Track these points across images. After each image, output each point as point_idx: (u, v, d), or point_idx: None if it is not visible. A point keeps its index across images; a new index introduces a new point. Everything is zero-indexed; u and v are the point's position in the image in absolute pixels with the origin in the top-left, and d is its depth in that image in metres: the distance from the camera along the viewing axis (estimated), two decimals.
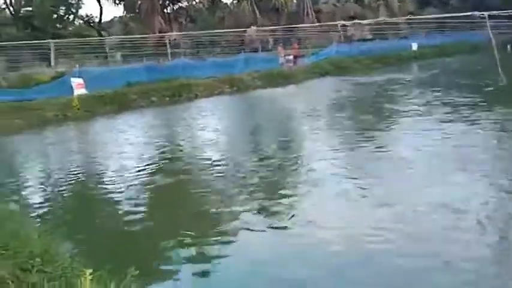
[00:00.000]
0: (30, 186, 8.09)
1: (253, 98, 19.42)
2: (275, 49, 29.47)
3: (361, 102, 15.72)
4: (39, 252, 3.23)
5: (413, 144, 8.55)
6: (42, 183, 8.16)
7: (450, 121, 10.52)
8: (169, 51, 24.83)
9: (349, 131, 10.70)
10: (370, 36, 40.99)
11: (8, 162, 10.33)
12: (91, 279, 2.66)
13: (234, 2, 40.48)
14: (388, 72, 24.20)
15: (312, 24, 34.09)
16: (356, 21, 30.94)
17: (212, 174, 7.81)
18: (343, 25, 31.71)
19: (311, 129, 11.40)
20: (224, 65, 23.57)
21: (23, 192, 7.63)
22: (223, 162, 8.63)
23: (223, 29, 28.81)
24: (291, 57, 26.77)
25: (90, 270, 2.73)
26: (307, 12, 40.24)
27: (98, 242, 5.35)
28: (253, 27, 31.65)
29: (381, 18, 35.41)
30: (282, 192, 6.48)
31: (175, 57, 24.75)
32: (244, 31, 29.36)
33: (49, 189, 7.72)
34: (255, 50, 31.51)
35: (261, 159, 8.43)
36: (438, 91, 15.81)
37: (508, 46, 30.29)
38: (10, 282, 2.72)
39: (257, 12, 37.20)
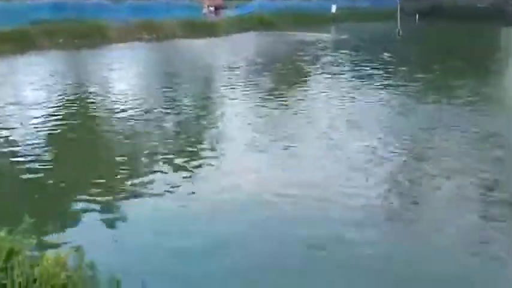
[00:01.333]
0: None
1: (172, 48, 18.62)
2: None
3: (276, 60, 15.72)
4: None
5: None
6: None
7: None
8: None
9: (260, 89, 10.75)
10: None
11: None
12: None
13: None
14: (307, 30, 24.49)
15: None
16: None
17: (118, 125, 7.54)
18: None
19: (225, 84, 11.30)
20: (143, 8, 22.09)
21: None
22: (130, 112, 8.30)
23: None
24: (213, 8, 25.95)
25: None
26: None
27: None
28: None
29: None
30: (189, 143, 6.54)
31: None
32: None
33: None
34: None
35: (168, 114, 8.26)
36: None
37: (416, 15, 31.98)
38: None
39: None
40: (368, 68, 13.26)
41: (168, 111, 8.52)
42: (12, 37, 15.74)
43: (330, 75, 12.37)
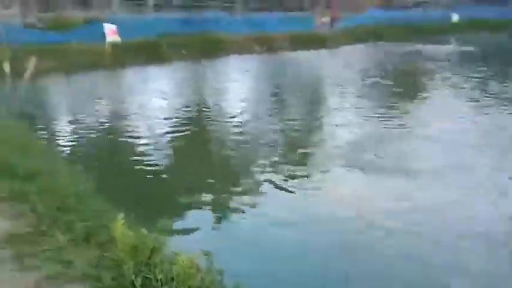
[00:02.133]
0: (59, 127, 8.37)
1: (284, 60, 19.07)
2: (312, 10, 28.50)
3: (392, 72, 15.23)
4: (73, 192, 3.38)
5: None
6: (71, 126, 8.45)
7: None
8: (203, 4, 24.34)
9: (375, 102, 10.47)
10: (410, 3, 38.95)
11: (40, 103, 10.62)
12: (123, 223, 2.77)
13: None
14: (424, 42, 23.22)
15: None
16: None
17: (235, 131, 7.93)
18: None
19: (338, 96, 11.24)
20: (257, 22, 23.02)
21: (53, 132, 7.93)
22: (247, 119, 8.73)
23: None
24: (328, 19, 25.87)
25: (122, 215, 2.84)
26: None
27: (123, 185, 5.51)
28: None
29: None
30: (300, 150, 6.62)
31: (209, 10, 24.27)
32: None
33: (78, 131, 7.99)
34: (291, 10, 30.53)
35: (283, 120, 8.44)
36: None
37: None
38: (46, 218, 2.88)
39: None
40: (496, 83, 12.04)
41: (278, 121, 8.78)
42: (143, 48, 17.51)
43: (453, 90, 11.55)
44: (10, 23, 16.27)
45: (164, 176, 5.90)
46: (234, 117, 9.09)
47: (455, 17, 32.18)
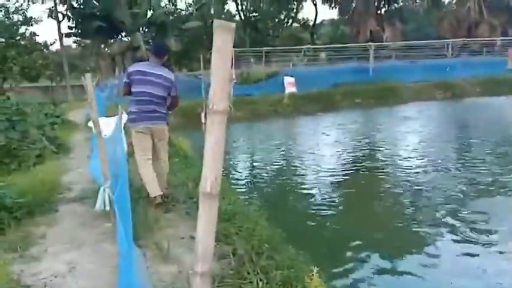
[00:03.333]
0: (239, 172, 9.07)
1: (468, 106, 17.27)
2: (503, 52, 25.48)
3: None
4: (266, 238, 3.45)
5: None
6: (249, 171, 9.10)
7: None
8: (372, 53, 24.20)
9: None
10: None
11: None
12: (319, 277, 2.66)
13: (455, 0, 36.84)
14: None
15: None
16: None
17: (410, 184, 7.28)
18: None
19: None
20: (437, 68, 21.62)
21: (237, 175, 8.62)
22: (423, 173, 7.93)
23: (440, 30, 26.36)
24: None
25: (317, 268, 2.75)
26: None
27: (310, 233, 5.50)
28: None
29: None
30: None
31: (384, 59, 24.00)
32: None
33: (257, 177, 8.51)
34: (476, 53, 27.94)
35: (467, 180, 7.36)
36: None
37: None
38: (246, 262, 2.96)
39: (484, 10, 32.79)
40: None
41: (460, 173, 7.74)
42: (318, 98, 18.14)
43: None
44: (207, 80, 18.88)
45: (350, 229, 5.69)
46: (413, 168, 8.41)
47: None
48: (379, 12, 34.97)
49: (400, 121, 14.41)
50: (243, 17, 35.51)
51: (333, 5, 37.00)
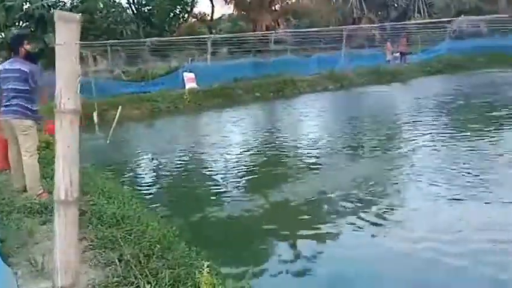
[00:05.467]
0: (140, 169, 8.77)
1: (356, 95, 18.77)
2: (382, 45, 28.07)
3: (468, 106, 14.09)
4: (158, 238, 3.36)
5: None
6: (150, 167, 8.85)
7: None
8: (273, 47, 25.04)
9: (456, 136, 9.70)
10: (486, 32, 36.90)
11: (120, 148, 11.29)
12: (208, 272, 2.65)
13: None
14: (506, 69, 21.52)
15: (421, 21, 31.64)
16: (465, 17, 28.08)
17: (311, 170, 7.77)
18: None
19: (411, 128, 10.72)
20: (328, 61, 23.11)
21: (133, 174, 8.32)
22: (320, 158, 8.58)
23: (327, 25, 28.18)
24: (398, 54, 25.34)
25: (208, 263, 2.74)
26: (418, 6, 37.65)
27: (207, 229, 5.46)
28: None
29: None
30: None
31: (280, 53, 24.89)
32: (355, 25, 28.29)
33: (157, 172, 8.32)
34: (361, 46, 30.37)
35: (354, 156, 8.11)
36: None
37: None
38: (133, 267, 2.84)
39: (365, 7, 35.83)
40: None
41: (352, 155, 8.57)
42: (219, 93, 18.22)
43: None
44: (98, 78, 17.85)
45: (244, 215, 5.80)
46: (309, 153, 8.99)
47: None
48: (273, 8, 36.20)
49: (297, 111, 15.20)
50: (135, 11, 34.05)
51: (228, 0, 37.33)
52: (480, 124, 10.57)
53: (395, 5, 39.91)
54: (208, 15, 41.08)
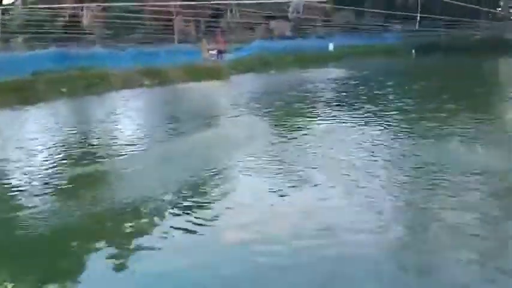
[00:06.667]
0: None
1: (174, 92, 18.62)
2: (199, 42, 28.70)
3: (278, 97, 15.64)
4: None
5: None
6: None
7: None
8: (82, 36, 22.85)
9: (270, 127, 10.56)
10: (290, 33, 42.02)
11: None
12: None
13: None
14: (307, 68, 24.77)
15: (232, 20, 33.75)
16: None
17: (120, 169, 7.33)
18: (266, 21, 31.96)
19: (228, 125, 11.23)
20: (144, 55, 22.33)
21: None
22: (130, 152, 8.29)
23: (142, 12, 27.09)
24: (215, 51, 26.25)
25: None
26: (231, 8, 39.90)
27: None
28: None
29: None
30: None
31: (89, 42, 22.91)
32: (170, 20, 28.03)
33: None
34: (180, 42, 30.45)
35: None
36: None
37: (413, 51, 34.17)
38: None
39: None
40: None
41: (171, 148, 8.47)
42: (15, 89, 15.58)
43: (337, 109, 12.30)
44: None
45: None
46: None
47: (331, 47, 35.33)
48: None
49: (109, 110, 14.14)
50: None
51: None
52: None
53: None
54: None
